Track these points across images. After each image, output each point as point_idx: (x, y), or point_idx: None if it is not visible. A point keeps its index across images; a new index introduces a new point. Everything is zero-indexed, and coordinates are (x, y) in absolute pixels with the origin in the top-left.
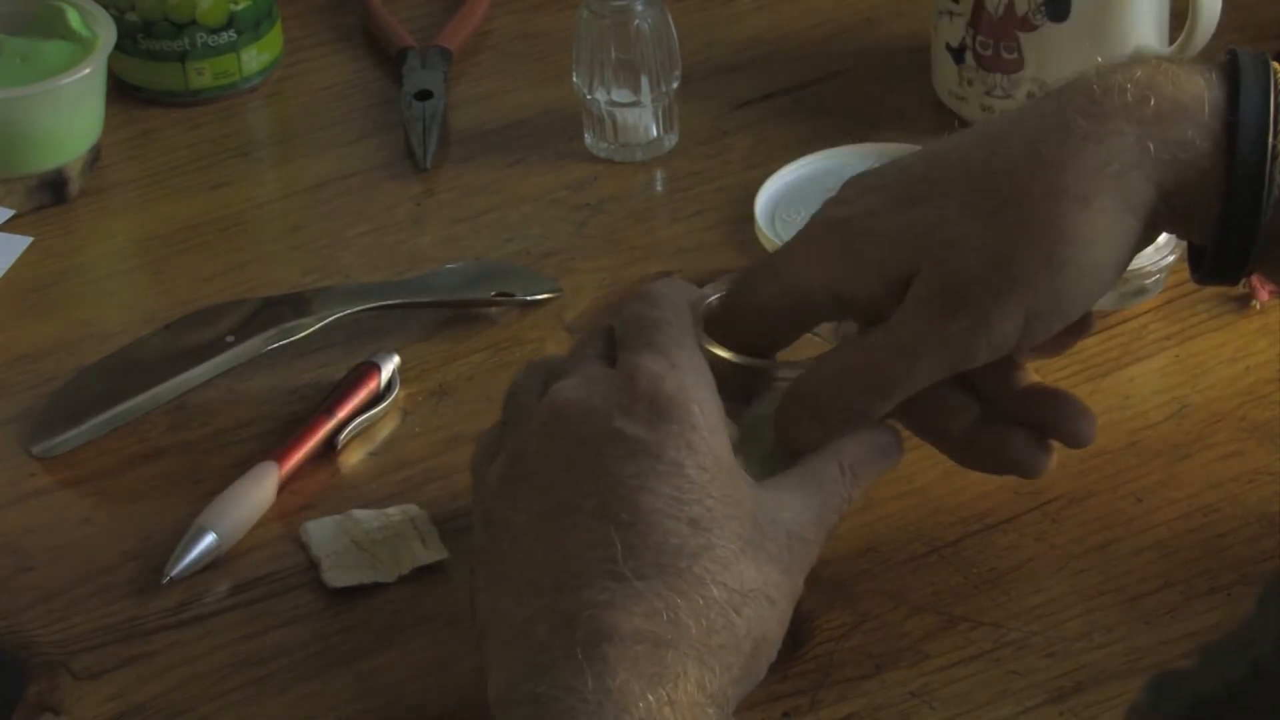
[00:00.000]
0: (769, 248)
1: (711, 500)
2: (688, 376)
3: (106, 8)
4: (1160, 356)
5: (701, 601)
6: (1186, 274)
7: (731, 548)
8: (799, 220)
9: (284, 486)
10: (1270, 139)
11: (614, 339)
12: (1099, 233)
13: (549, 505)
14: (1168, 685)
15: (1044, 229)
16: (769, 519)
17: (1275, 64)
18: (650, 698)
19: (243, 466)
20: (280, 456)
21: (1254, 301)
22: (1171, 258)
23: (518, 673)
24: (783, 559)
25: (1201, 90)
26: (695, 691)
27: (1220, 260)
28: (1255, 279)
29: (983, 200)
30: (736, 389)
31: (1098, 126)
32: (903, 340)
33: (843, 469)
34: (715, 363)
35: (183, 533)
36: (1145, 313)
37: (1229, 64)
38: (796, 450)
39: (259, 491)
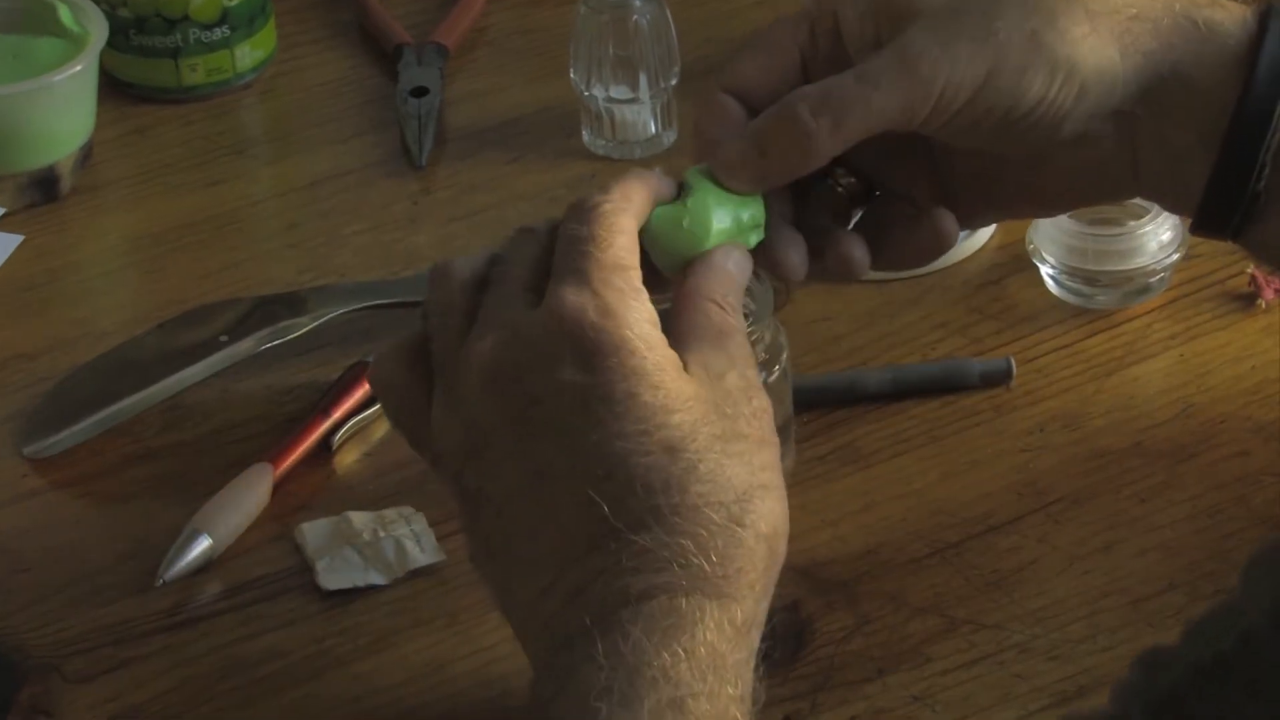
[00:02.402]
0: None
1: (676, 415)
2: (610, 297)
3: (98, 3)
4: (1164, 356)
5: (705, 533)
6: (1192, 273)
7: (713, 455)
8: None
9: (278, 488)
10: None
11: (537, 263)
12: (1086, 43)
13: (522, 474)
14: (1158, 661)
15: (1041, 8)
16: (726, 398)
17: None
18: (665, 654)
19: (237, 467)
20: (275, 457)
21: (1259, 300)
22: (1175, 256)
23: (543, 647)
24: (754, 428)
25: (1236, 15)
26: (716, 634)
27: (1227, 174)
28: (1260, 276)
29: None
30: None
31: None
32: (868, 71)
33: (720, 304)
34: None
35: (177, 534)
36: (1149, 312)
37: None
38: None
39: (253, 493)
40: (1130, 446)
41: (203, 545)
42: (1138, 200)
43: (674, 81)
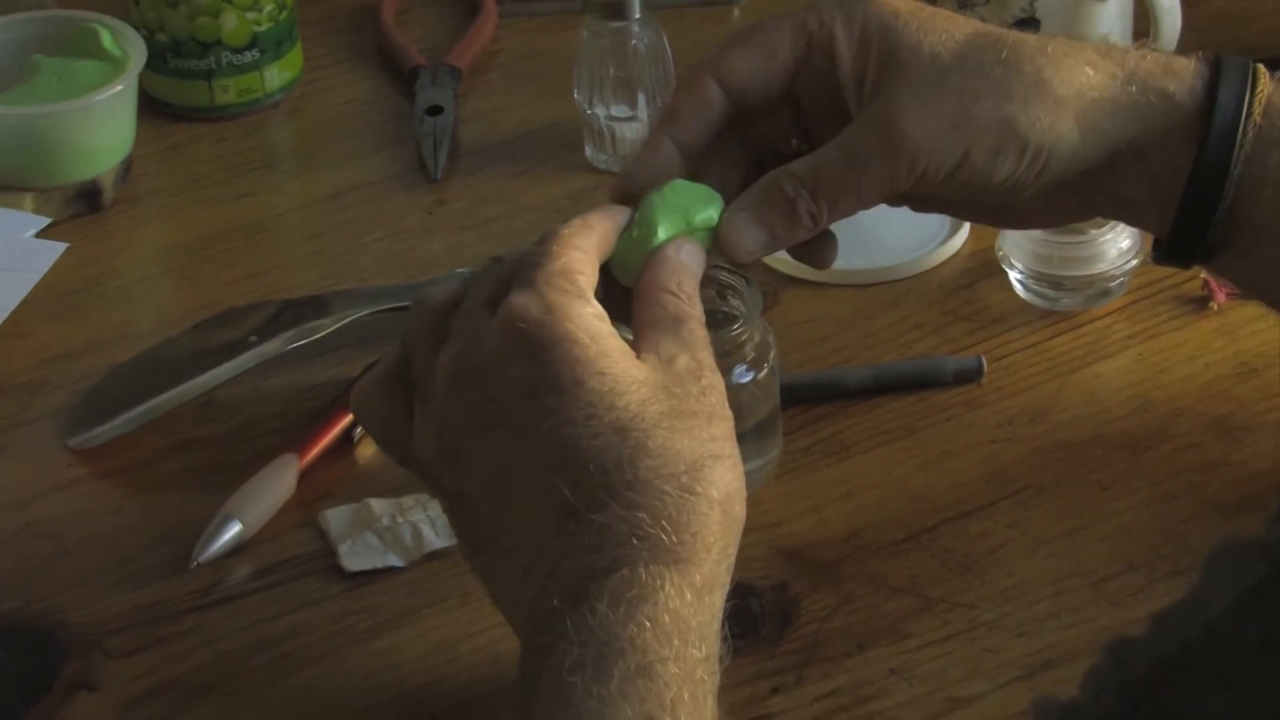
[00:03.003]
0: None
1: (623, 398)
2: (552, 296)
3: (137, 29)
4: (1124, 355)
5: (659, 504)
6: (1149, 278)
7: (660, 431)
8: None
9: (304, 477)
10: (1247, 101)
11: (501, 280)
12: (1053, 128)
13: (491, 471)
14: (1126, 650)
15: (1019, 89)
16: (674, 379)
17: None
18: (631, 625)
19: (265, 458)
20: (300, 449)
21: (1211, 303)
22: (1134, 262)
23: (526, 630)
24: (702, 406)
25: (1189, 64)
26: (678, 600)
27: (1185, 225)
28: (1212, 281)
29: (984, 49)
30: None
31: (1098, 60)
32: (855, 152)
33: (674, 293)
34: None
35: (209, 520)
36: (1110, 314)
37: (1211, 57)
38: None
39: (280, 482)
40: (1092, 438)
41: (233, 530)
42: None
43: None
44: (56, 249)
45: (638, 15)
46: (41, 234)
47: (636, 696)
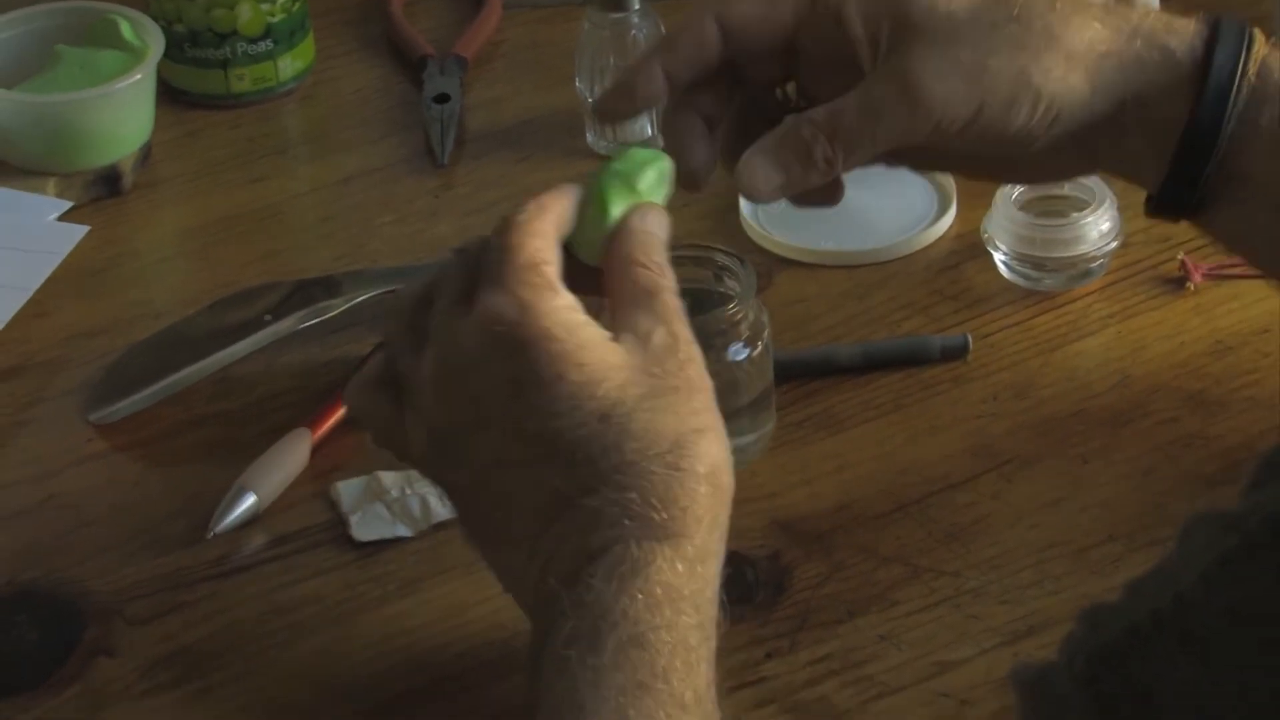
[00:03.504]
0: (752, 235)
1: (603, 386)
2: (524, 293)
3: (156, 20)
4: (1104, 333)
5: (646, 484)
6: (1129, 259)
7: (642, 413)
8: (779, 210)
9: (316, 450)
10: (1242, 60)
11: (471, 270)
12: (1064, 80)
13: (482, 467)
14: (1100, 617)
15: (1031, 43)
16: (652, 357)
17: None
18: (624, 598)
19: (279, 432)
20: (313, 423)
21: (1188, 283)
22: (1114, 244)
23: (532, 612)
24: (681, 381)
25: (1189, 23)
26: (670, 572)
27: (1179, 175)
28: (1189, 262)
29: (995, 7)
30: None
31: (1104, 16)
32: (870, 101)
33: (644, 264)
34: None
35: (225, 492)
36: (1090, 294)
37: (1211, 18)
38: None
39: (294, 455)
40: (1074, 413)
41: (249, 502)
42: (1080, 194)
43: None
44: (78, 231)
45: (637, 7)
46: (63, 217)
47: (629, 665)
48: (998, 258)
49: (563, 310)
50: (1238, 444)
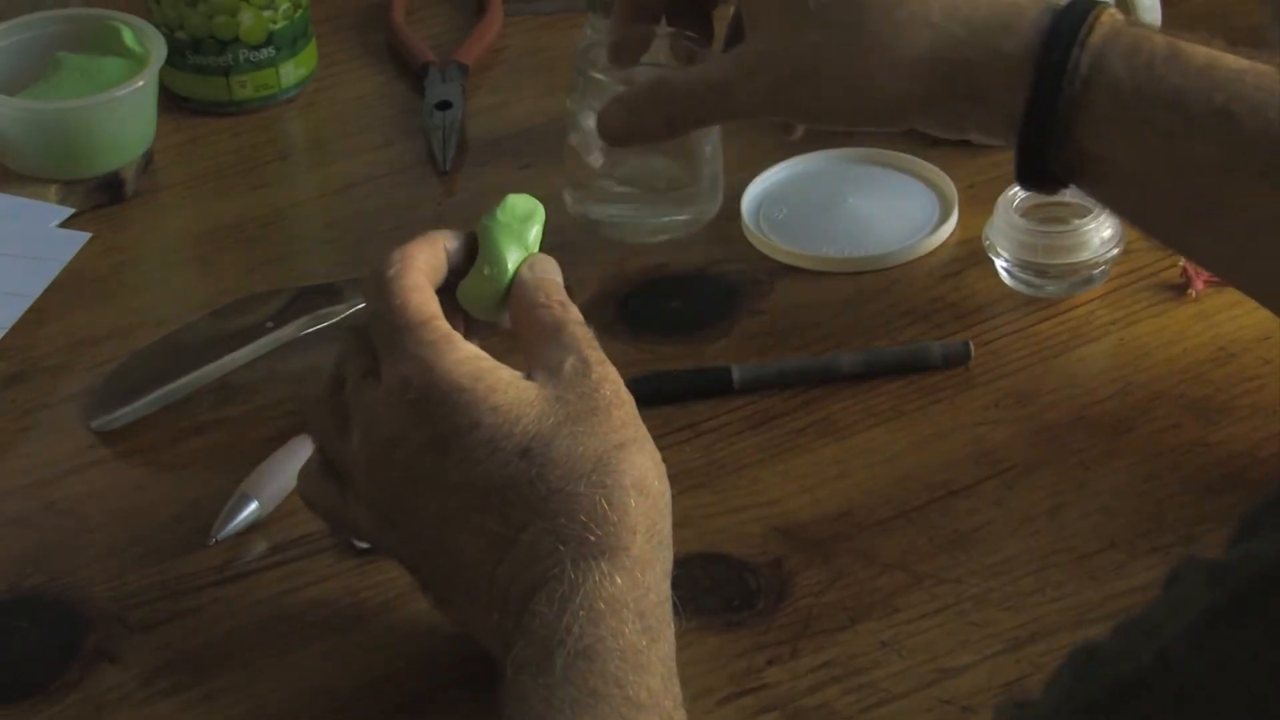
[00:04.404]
0: (754, 242)
1: (519, 423)
2: (423, 354)
3: (158, 27)
4: (1106, 340)
5: (575, 507)
6: (1130, 266)
7: (561, 442)
8: (781, 217)
9: None
10: (1079, 42)
11: (368, 343)
12: (879, 77)
13: (427, 532)
14: (1087, 665)
15: (865, 30)
16: (564, 385)
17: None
18: (565, 618)
19: (280, 439)
20: None
21: (1190, 290)
22: (1116, 250)
23: (498, 652)
24: (598, 401)
25: (1030, 16)
26: (610, 586)
27: (1029, 162)
28: (1190, 268)
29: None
30: None
31: (940, 22)
32: (712, 75)
33: (545, 304)
34: None
35: (226, 499)
36: (1092, 300)
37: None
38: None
39: (295, 462)
40: (1075, 420)
41: (250, 508)
42: (1082, 200)
43: None
44: (80, 238)
45: None
46: (66, 224)
47: (579, 677)
48: (999, 264)
49: (466, 361)
50: (1239, 451)
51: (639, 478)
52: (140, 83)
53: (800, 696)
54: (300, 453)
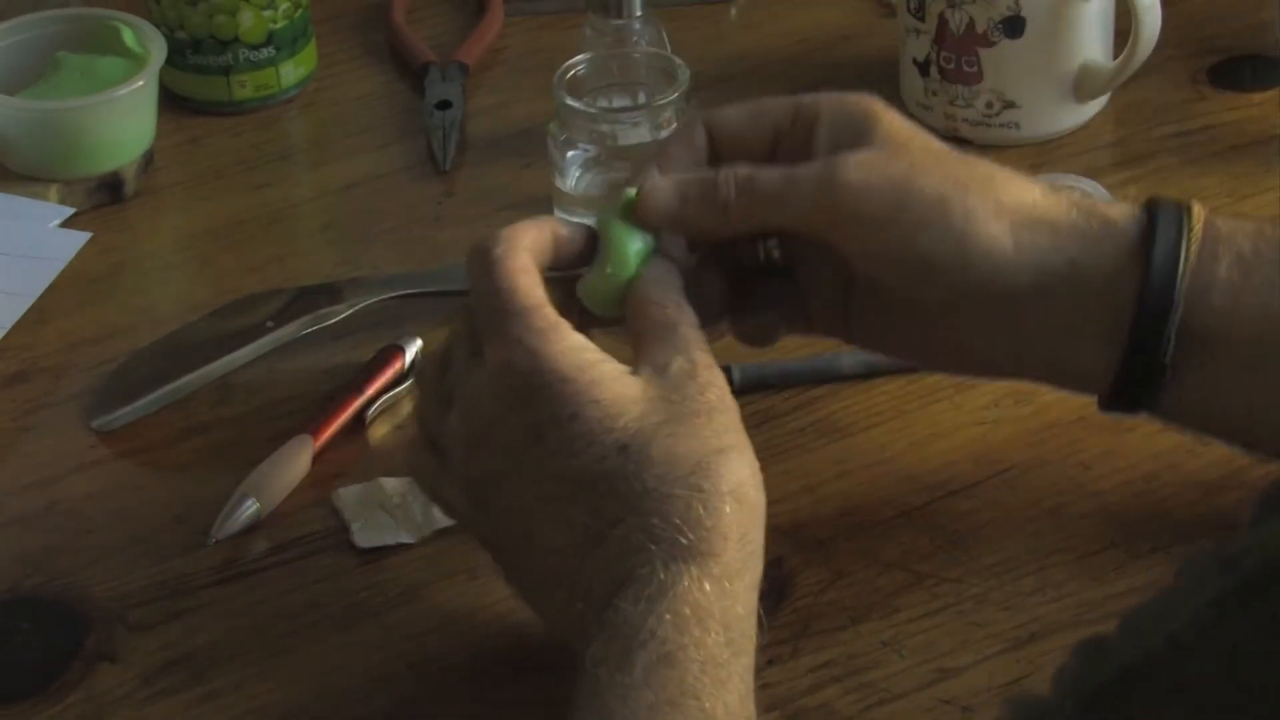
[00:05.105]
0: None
1: (620, 419)
2: (530, 341)
3: (158, 27)
4: None
5: (670, 508)
6: None
7: (661, 442)
8: None
9: (318, 457)
10: (1185, 244)
11: (475, 330)
12: (985, 225)
13: (517, 518)
14: (1095, 654)
15: (965, 179)
16: (670, 385)
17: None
18: (651, 619)
19: (281, 439)
20: (315, 430)
21: None
22: None
23: (577, 644)
24: (701, 405)
25: (1127, 206)
26: (698, 592)
27: (1138, 346)
28: None
29: (949, 150)
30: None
31: (1045, 188)
32: (798, 176)
33: (659, 303)
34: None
35: (227, 499)
36: None
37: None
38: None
39: (295, 461)
40: (1076, 419)
41: (250, 508)
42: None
43: None
44: (80, 238)
45: (639, 13)
46: (66, 224)
47: (658, 683)
48: None
49: (572, 351)
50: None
51: (736, 485)
52: (140, 83)
53: (800, 696)
54: (300, 453)
